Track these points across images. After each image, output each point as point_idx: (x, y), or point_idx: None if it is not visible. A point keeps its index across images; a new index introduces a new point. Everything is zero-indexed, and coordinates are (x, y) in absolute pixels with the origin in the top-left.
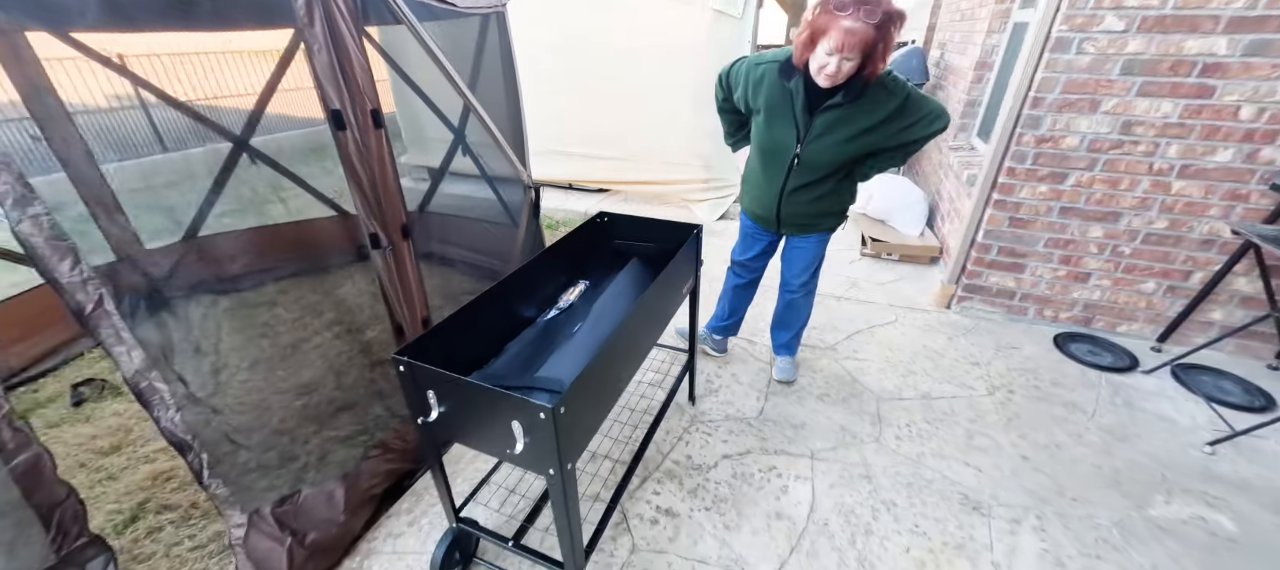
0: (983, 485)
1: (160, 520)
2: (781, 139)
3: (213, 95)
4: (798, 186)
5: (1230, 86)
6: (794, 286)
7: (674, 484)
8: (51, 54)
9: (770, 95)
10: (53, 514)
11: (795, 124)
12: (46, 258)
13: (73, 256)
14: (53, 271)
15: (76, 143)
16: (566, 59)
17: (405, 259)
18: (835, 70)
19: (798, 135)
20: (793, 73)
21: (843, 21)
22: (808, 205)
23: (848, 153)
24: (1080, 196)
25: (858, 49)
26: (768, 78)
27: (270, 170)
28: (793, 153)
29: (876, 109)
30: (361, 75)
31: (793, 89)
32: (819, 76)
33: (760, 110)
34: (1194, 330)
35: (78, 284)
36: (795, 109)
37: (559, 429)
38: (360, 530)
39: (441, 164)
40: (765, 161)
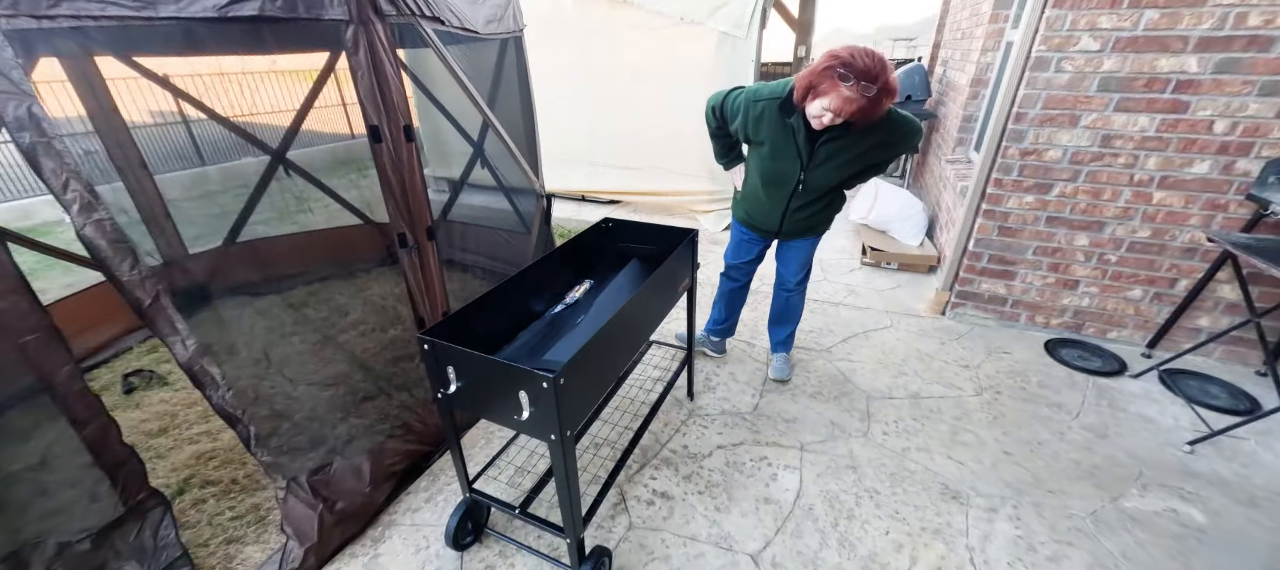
0: (963, 477)
1: (204, 493)
2: (786, 169)
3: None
4: (801, 205)
5: (1203, 101)
6: (790, 285)
7: (670, 470)
8: (112, 74)
9: (773, 131)
10: (118, 473)
11: (799, 155)
12: (109, 258)
13: (132, 257)
14: (115, 270)
15: (133, 155)
16: (580, 77)
17: (429, 258)
18: (829, 123)
19: (801, 164)
20: (792, 110)
21: (842, 90)
22: (808, 218)
23: (847, 174)
24: (1065, 206)
25: (850, 113)
26: (768, 114)
27: (302, 181)
28: (796, 179)
29: (868, 135)
30: (397, 95)
31: (794, 125)
32: (813, 121)
33: (764, 143)
34: (1182, 336)
35: (137, 281)
36: (798, 142)
37: (559, 397)
38: (382, 502)
39: (461, 175)
40: (769, 188)
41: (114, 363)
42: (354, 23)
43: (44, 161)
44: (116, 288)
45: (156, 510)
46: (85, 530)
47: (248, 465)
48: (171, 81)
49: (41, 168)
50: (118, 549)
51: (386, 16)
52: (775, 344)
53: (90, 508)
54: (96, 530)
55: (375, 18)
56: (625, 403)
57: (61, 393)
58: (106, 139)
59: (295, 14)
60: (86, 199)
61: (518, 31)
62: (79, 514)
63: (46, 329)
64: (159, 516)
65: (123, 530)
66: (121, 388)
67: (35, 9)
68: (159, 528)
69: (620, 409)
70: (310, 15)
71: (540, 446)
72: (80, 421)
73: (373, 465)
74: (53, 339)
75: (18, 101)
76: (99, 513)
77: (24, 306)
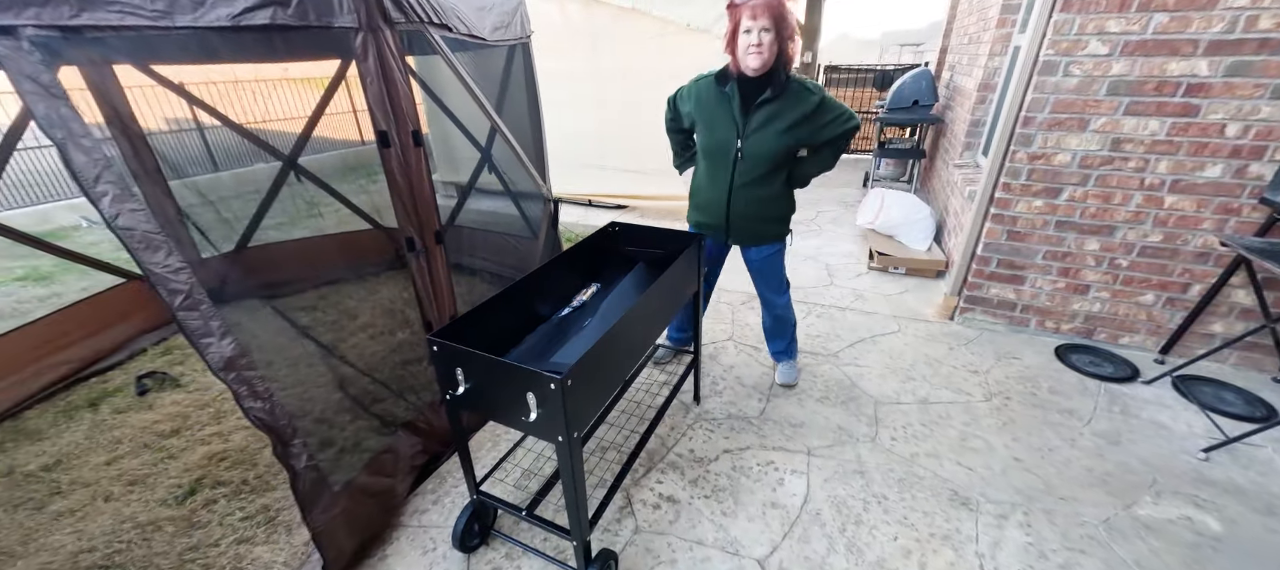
0: (973, 483)
1: (215, 494)
2: (723, 138)
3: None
4: (743, 184)
5: (1215, 105)
6: (775, 302)
7: (676, 474)
8: (129, 82)
9: (711, 102)
10: None
11: (735, 122)
12: (141, 251)
13: (165, 249)
14: (147, 263)
15: (149, 161)
16: (587, 83)
17: (437, 261)
18: (758, 41)
19: (738, 131)
20: (727, 79)
21: (746, 5)
22: (754, 207)
23: (783, 143)
24: (1075, 211)
25: (767, 14)
26: (707, 89)
27: (313, 186)
28: (735, 148)
29: (800, 103)
30: (405, 102)
31: (729, 93)
32: (749, 57)
33: (705, 116)
34: (1196, 342)
35: (170, 273)
36: (733, 109)
37: (566, 399)
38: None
39: (469, 180)
40: (711, 164)
41: (128, 365)
42: (363, 30)
43: (75, 156)
44: (149, 279)
45: None
46: None
47: (258, 466)
48: (187, 89)
49: (73, 162)
50: None
51: (395, 24)
52: (775, 354)
53: None
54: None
55: (384, 25)
56: (631, 406)
57: None
58: (123, 146)
59: (306, 21)
60: (118, 191)
61: (525, 38)
62: None
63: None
64: None
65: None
66: (135, 389)
67: (58, 18)
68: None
69: (626, 412)
70: (321, 23)
71: (547, 449)
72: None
73: (393, 464)
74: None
75: (48, 103)
76: None
77: None
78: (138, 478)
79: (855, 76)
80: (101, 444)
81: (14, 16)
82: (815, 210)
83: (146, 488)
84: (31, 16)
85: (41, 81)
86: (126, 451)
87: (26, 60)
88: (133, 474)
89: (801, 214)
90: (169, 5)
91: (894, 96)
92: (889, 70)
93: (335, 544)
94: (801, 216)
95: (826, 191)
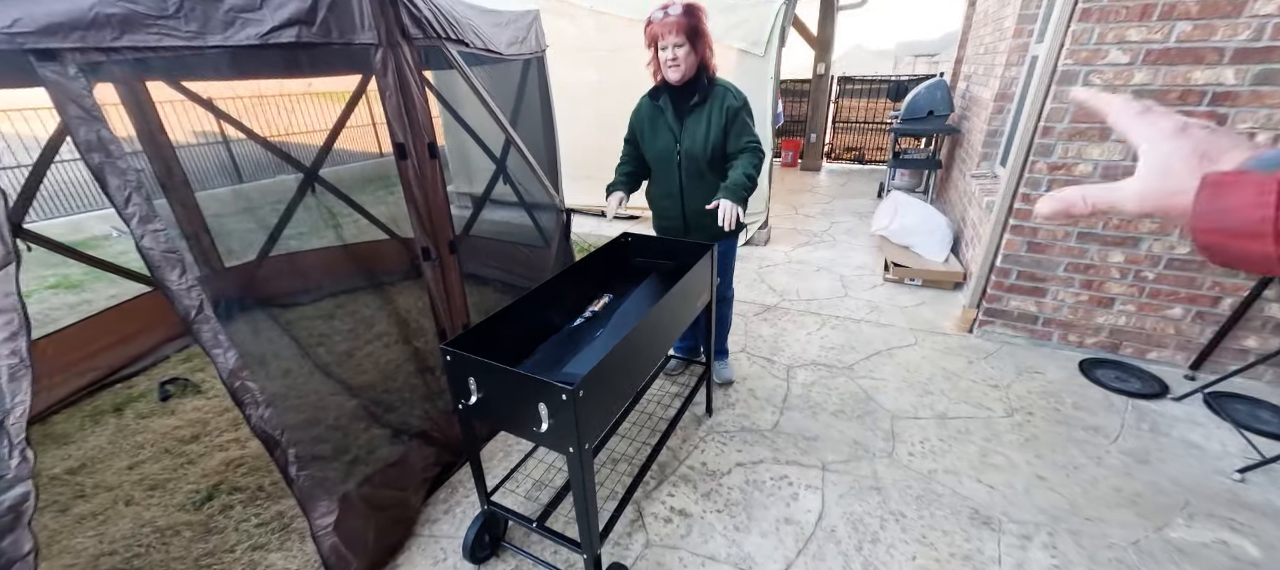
0: (995, 501)
1: (231, 500)
2: (664, 145)
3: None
4: (691, 184)
5: (1243, 113)
6: (725, 295)
7: (688, 487)
8: (160, 98)
9: (650, 119)
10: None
11: (670, 130)
12: (160, 267)
13: (180, 267)
14: (165, 279)
15: (177, 172)
16: (601, 95)
17: (451, 271)
18: (673, 56)
19: (675, 137)
20: (659, 93)
21: (661, 21)
22: (705, 201)
23: (715, 140)
24: (1097, 222)
25: (678, 31)
26: (645, 106)
27: (332, 197)
28: (675, 152)
29: (723, 103)
30: (422, 115)
31: (661, 105)
32: (668, 71)
33: (646, 132)
34: (1228, 358)
35: (185, 290)
36: (668, 119)
37: (578, 410)
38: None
39: (484, 191)
40: (659, 171)
41: (152, 371)
42: (382, 46)
43: (110, 179)
44: (166, 295)
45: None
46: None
47: (273, 473)
48: (215, 104)
49: (108, 184)
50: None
51: (413, 40)
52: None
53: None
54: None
55: (403, 41)
56: (643, 418)
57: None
58: (153, 158)
59: (329, 38)
60: (145, 212)
61: (540, 52)
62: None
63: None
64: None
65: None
66: (158, 395)
67: (100, 41)
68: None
69: (638, 424)
70: (342, 40)
71: (558, 460)
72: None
73: (406, 473)
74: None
75: (88, 126)
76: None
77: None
78: (158, 482)
79: (869, 87)
80: (124, 449)
81: (59, 40)
82: (829, 221)
83: (166, 493)
84: (77, 40)
85: (84, 105)
86: (148, 456)
87: (72, 84)
88: (153, 478)
89: (814, 225)
90: (202, 26)
91: (908, 107)
92: (903, 81)
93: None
94: (815, 228)
95: (841, 202)
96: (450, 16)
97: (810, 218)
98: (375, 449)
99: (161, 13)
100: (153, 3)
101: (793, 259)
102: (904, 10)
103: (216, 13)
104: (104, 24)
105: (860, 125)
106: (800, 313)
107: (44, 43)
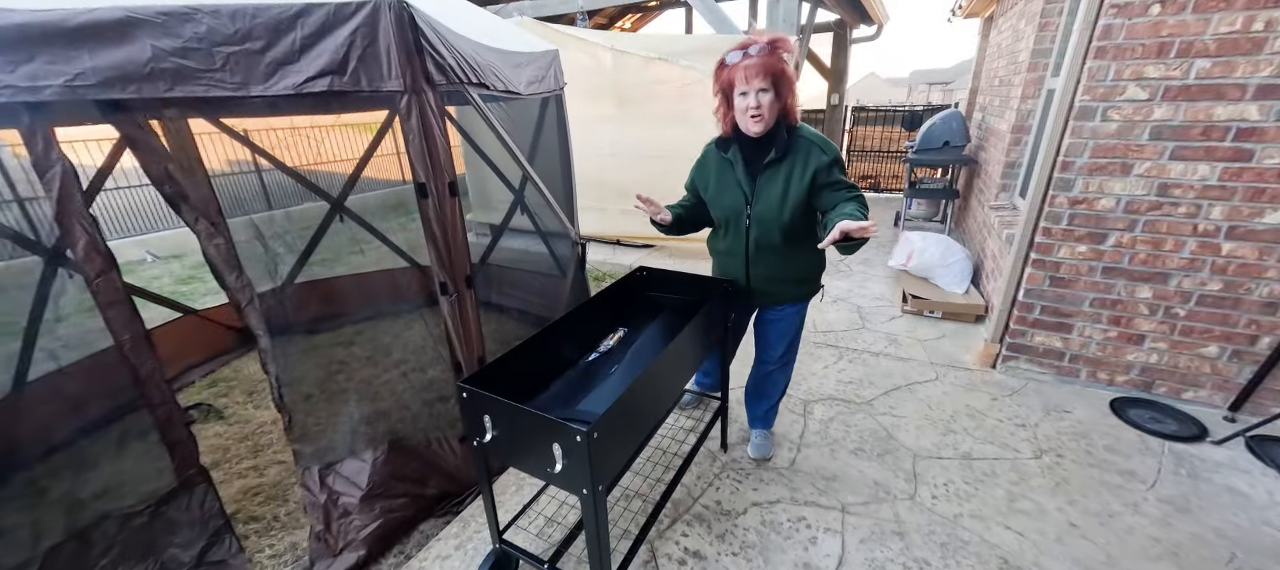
0: (1024, 550)
1: (247, 530)
2: (732, 204)
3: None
4: (759, 248)
5: (1269, 150)
6: (772, 361)
7: (702, 527)
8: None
9: (717, 171)
10: (175, 449)
11: (741, 188)
12: (224, 272)
13: (238, 271)
14: (225, 279)
15: (212, 203)
16: (617, 127)
17: (468, 305)
18: (756, 103)
19: (745, 197)
20: (728, 144)
21: (742, 64)
22: (775, 269)
23: (794, 204)
24: (1123, 257)
25: (763, 74)
26: (710, 158)
27: (355, 225)
28: (745, 214)
29: (811, 160)
30: (443, 155)
31: (731, 158)
32: (749, 123)
33: (711, 185)
34: (1270, 399)
35: (240, 288)
36: (738, 175)
37: (592, 451)
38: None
39: (501, 222)
40: (725, 231)
41: (177, 396)
42: (408, 92)
43: (181, 204)
44: (226, 292)
45: (202, 486)
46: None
47: (289, 503)
48: (250, 136)
49: (179, 208)
50: (171, 519)
51: (437, 86)
52: (753, 418)
53: (149, 476)
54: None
55: (427, 87)
56: (657, 454)
57: (146, 383)
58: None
59: (358, 87)
60: (209, 230)
61: (558, 90)
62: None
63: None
64: (203, 493)
65: (175, 502)
66: (181, 420)
67: (155, 93)
68: (205, 499)
69: (652, 460)
70: (371, 88)
71: (571, 496)
72: (154, 404)
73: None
74: (143, 342)
75: (158, 162)
76: (157, 480)
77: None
78: None
79: (883, 116)
80: None
81: (117, 91)
82: None
83: None
84: (133, 91)
85: (152, 145)
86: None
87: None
88: None
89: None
90: (246, 78)
91: (924, 137)
92: (918, 111)
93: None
94: (830, 257)
95: None
96: (474, 62)
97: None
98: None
99: (210, 67)
100: (202, 57)
101: None
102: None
103: (259, 65)
104: (158, 77)
105: (875, 153)
106: (817, 345)
107: (104, 93)
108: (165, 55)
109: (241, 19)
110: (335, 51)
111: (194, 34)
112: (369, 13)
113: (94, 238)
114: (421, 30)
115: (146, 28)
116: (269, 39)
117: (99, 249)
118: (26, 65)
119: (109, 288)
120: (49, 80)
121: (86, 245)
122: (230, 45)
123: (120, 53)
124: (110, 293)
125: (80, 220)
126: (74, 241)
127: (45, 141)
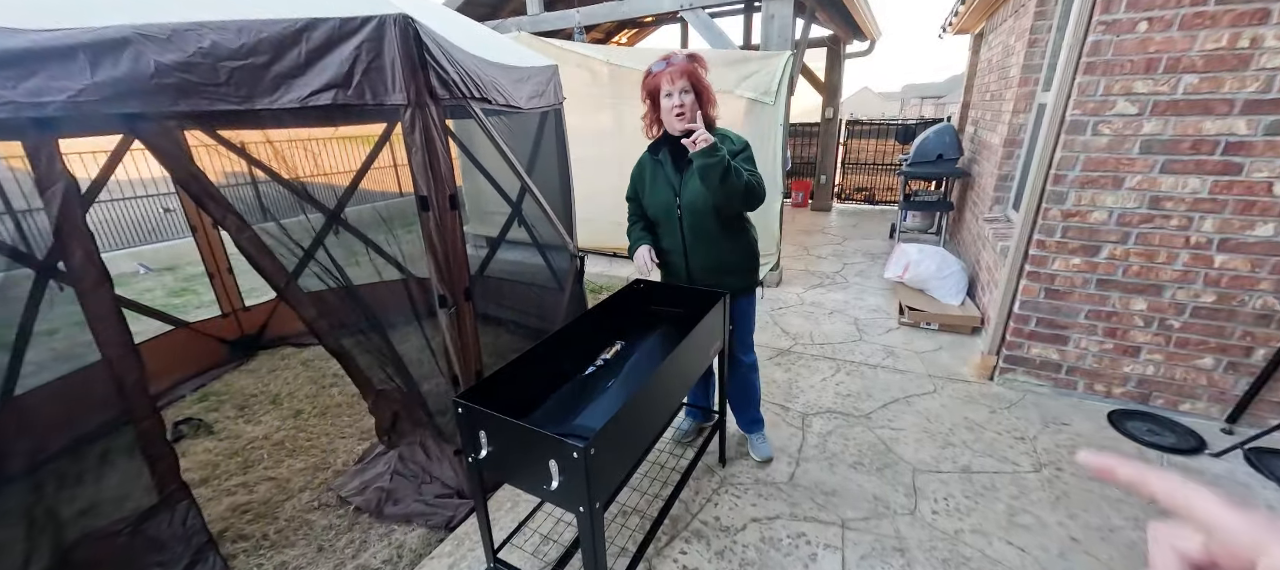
0: (1027, 566)
1: (235, 549)
2: (663, 199)
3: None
4: (694, 238)
5: (1258, 164)
6: (741, 361)
7: (701, 544)
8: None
9: (650, 174)
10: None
11: (670, 184)
12: (259, 261)
13: (271, 257)
14: (261, 265)
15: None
16: (616, 140)
17: (466, 318)
18: (680, 103)
19: (674, 190)
20: (658, 149)
21: (666, 70)
22: (711, 259)
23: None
24: (1116, 269)
25: (684, 76)
26: (644, 164)
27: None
28: (676, 205)
29: (723, 147)
30: (445, 168)
31: (661, 160)
32: (674, 121)
33: (647, 188)
34: (1267, 411)
35: (275, 270)
36: (667, 173)
37: (589, 468)
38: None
39: (499, 234)
40: (663, 229)
41: (167, 411)
42: (411, 106)
43: (207, 203)
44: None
45: (184, 504)
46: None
47: (278, 521)
48: (247, 148)
49: (206, 207)
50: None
51: (440, 100)
52: (746, 425)
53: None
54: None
55: (431, 102)
56: (655, 469)
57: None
58: (185, 199)
59: (363, 100)
60: (238, 224)
61: (557, 104)
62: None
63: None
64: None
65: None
66: (170, 435)
67: (160, 106)
68: (187, 516)
69: (649, 475)
70: (375, 102)
71: (568, 513)
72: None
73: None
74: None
75: (181, 164)
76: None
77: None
78: None
79: (877, 129)
80: None
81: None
82: (841, 262)
83: None
84: (135, 105)
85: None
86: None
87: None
88: None
89: (827, 266)
90: (251, 92)
91: (917, 150)
92: (911, 124)
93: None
94: (827, 269)
95: (852, 243)
96: (476, 77)
97: (822, 258)
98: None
99: (213, 82)
100: (206, 72)
101: (805, 301)
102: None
103: (264, 78)
104: (162, 92)
105: (870, 166)
106: (814, 357)
107: (107, 109)
108: (169, 70)
109: (247, 33)
110: (340, 65)
111: (198, 49)
112: (375, 27)
113: (91, 252)
114: (426, 45)
115: (151, 44)
116: (274, 53)
117: (95, 263)
118: (29, 81)
119: (101, 302)
120: (52, 96)
121: (82, 259)
122: (235, 60)
123: (122, 68)
124: (102, 307)
125: (79, 236)
126: (71, 256)
127: (49, 157)
